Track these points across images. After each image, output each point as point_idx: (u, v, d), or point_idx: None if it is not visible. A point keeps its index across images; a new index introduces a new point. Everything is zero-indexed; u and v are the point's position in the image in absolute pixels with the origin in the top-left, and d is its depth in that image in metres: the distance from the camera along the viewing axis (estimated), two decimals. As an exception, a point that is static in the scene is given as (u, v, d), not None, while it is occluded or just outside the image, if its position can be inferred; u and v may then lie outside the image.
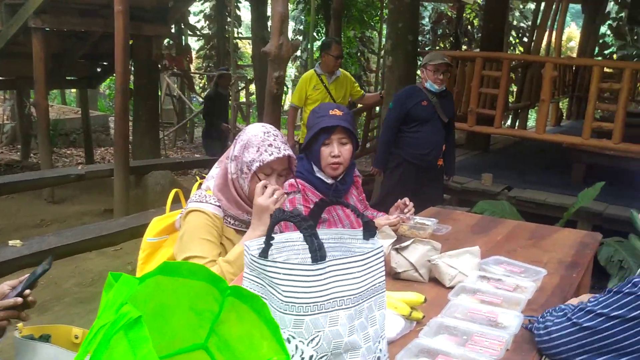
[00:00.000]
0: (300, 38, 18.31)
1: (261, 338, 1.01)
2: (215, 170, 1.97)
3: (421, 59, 5.76)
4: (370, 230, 1.41)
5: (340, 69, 5.25)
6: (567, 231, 2.42)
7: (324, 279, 1.17)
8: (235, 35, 14.31)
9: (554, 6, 8.00)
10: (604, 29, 13.10)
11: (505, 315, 1.54)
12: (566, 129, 9.25)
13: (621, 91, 4.59)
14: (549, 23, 8.14)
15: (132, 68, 7.93)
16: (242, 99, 13.21)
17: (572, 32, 23.34)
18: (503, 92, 5.11)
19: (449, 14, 14.94)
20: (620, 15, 13.75)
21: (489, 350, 1.37)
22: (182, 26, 12.70)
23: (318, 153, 2.20)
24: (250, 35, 13.35)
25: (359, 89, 5.56)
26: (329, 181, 2.27)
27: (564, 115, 10.58)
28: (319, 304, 1.17)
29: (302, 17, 18.13)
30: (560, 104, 10.00)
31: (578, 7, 11.97)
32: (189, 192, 2.04)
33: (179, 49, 10.26)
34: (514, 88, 9.62)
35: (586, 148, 4.96)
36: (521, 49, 13.19)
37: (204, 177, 2.04)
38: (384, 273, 1.28)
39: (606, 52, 14.44)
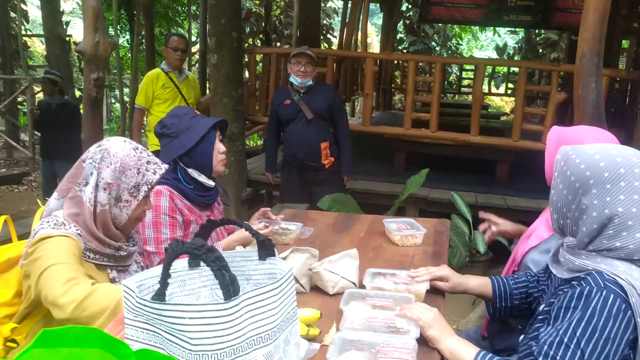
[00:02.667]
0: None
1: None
2: (56, 203, 1.63)
3: (246, 56, 5.69)
4: (267, 250, 1.27)
5: (188, 71, 4.91)
6: (421, 220, 2.51)
7: (239, 316, 1.01)
8: (23, 32, 12.69)
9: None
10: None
11: (402, 319, 1.52)
12: (378, 120, 9.91)
13: (434, 83, 5.00)
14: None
15: None
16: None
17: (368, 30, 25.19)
18: (371, 89, 5.25)
19: (256, 10, 15.08)
20: (408, 14, 15.21)
21: (402, 360, 1.32)
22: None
23: (210, 153, 2.13)
24: (42, 33, 12.04)
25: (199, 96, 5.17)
26: (211, 183, 2.19)
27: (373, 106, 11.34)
28: (235, 346, 1.01)
29: (99, 13, 16.93)
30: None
31: (372, 6, 12.81)
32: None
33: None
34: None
35: (406, 138, 5.31)
36: (326, 45, 13.83)
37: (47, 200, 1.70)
38: (295, 298, 1.15)
39: (400, 47, 15.86)
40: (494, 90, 15.12)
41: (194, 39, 13.61)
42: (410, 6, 14.29)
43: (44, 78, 6.01)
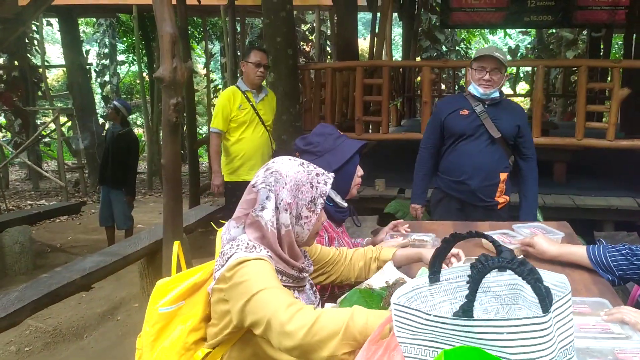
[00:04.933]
0: (107, 62, 17.22)
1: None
2: (237, 230, 1.62)
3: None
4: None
5: (267, 88, 4.52)
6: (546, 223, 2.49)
7: (553, 329, 0.99)
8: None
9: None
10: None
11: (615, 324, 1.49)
12: (408, 127, 9.93)
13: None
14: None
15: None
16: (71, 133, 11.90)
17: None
18: (386, 98, 5.25)
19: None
20: (426, 20, 15.30)
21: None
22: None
23: (352, 176, 2.16)
24: (64, 63, 12.12)
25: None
26: (345, 204, 2.20)
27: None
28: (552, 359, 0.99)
29: (107, 40, 17.08)
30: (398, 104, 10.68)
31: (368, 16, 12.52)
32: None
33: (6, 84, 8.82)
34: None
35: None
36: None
37: (222, 223, 1.69)
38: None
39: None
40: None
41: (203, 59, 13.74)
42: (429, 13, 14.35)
43: (112, 105, 6.04)
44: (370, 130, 6.94)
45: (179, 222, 4.05)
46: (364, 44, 16.11)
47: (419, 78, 12.43)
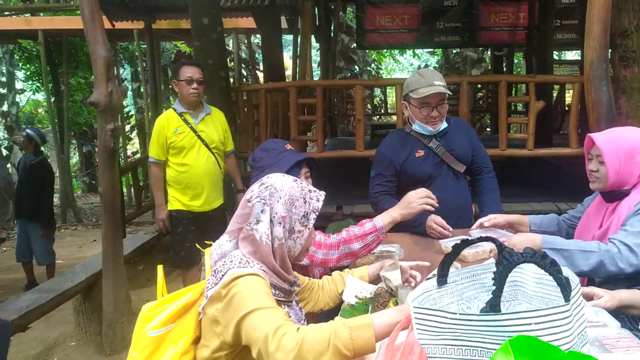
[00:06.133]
0: (5, 91, 16.26)
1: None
2: (229, 245, 1.61)
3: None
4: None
5: (210, 106, 4.05)
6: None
7: (573, 317, 1.06)
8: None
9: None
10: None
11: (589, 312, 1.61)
12: (333, 146, 10.09)
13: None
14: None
15: None
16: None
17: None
18: (320, 117, 5.34)
19: (188, 50, 15.05)
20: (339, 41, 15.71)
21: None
22: None
23: None
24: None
25: (231, 140, 4.19)
26: None
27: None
28: (573, 346, 1.06)
29: (4, 68, 16.17)
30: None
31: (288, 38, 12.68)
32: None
33: None
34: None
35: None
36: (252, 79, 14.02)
37: (208, 244, 1.67)
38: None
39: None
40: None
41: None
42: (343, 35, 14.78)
43: (25, 134, 5.67)
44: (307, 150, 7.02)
45: (119, 252, 3.89)
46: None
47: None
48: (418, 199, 2.25)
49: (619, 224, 1.97)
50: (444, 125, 2.73)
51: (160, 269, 1.72)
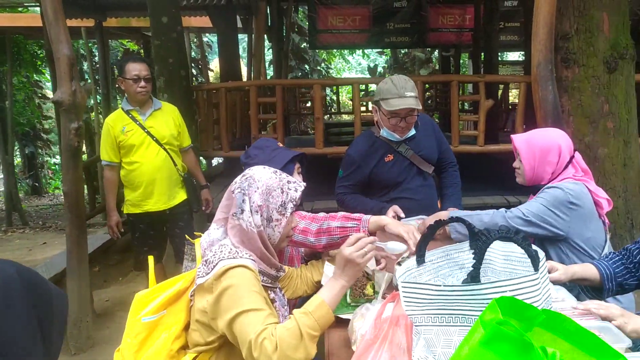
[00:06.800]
0: None
1: None
2: (217, 232, 1.71)
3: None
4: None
5: (162, 101, 3.94)
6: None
7: (542, 285, 1.22)
8: None
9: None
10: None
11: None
12: (289, 145, 10.19)
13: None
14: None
15: None
16: None
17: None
18: (281, 116, 5.44)
19: (136, 48, 14.81)
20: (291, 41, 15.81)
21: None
22: None
23: None
24: None
25: (187, 135, 4.04)
26: None
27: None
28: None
29: None
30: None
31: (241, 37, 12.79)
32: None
33: None
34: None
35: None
36: (203, 78, 13.93)
37: (197, 235, 1.76)
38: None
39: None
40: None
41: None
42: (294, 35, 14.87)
43: None
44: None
45: (83, 252, 3.88)
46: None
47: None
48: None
49: None
50: (412, 132, 2.78)
51: (151, 259, 1.79)
